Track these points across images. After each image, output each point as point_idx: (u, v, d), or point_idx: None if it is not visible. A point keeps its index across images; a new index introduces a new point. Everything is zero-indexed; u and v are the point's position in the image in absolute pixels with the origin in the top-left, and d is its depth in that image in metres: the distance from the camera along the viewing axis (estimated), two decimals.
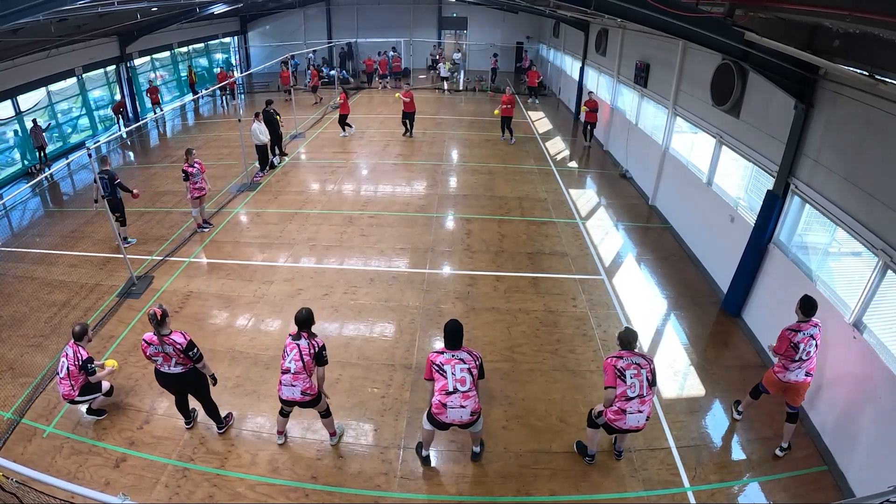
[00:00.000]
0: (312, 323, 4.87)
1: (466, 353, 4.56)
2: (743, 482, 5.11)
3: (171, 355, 4.86)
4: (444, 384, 4.49)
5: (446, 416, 4.55)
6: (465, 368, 4.49)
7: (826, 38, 5.17)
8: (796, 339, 4.92)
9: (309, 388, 4.81)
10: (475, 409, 4.59)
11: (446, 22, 30.15)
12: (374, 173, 13.29)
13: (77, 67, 16.19)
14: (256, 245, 9.48)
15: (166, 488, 4.92)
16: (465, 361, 4.52)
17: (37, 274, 8.56)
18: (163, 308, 4.81)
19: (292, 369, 4.71)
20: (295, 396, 4.82)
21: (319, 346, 4.78)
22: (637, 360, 4.54)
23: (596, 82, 16.94)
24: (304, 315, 4.77)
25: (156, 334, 4.80)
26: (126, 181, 9.31)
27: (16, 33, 11.50)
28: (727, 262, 7.62)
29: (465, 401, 4.50)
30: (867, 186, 5.08)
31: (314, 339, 4.79)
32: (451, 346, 4.58)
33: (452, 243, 9.59)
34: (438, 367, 4.52)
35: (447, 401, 4.50)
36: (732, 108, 7.72)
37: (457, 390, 4.49)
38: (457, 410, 4.52)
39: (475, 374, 4.55)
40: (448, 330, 4.61)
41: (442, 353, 4.56)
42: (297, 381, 4.74)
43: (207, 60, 26.10)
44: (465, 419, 4.58)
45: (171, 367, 4.96)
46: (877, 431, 4.67)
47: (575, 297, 8.00)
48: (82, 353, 5.34)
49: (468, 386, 4.50)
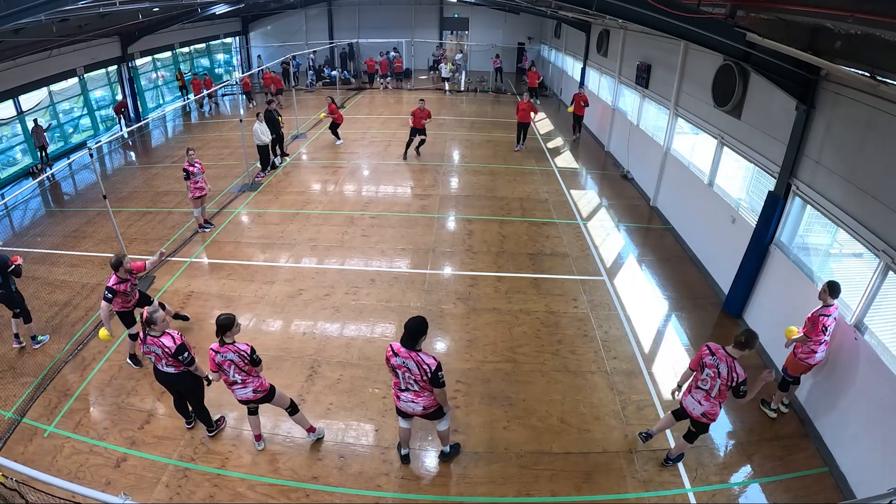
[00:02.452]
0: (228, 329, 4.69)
1: (415, 364, 4.36)
2: (744, 483, 5.11)
3: (161, 357, 4.87)
4: (397, 381, 4.60)
5: (400, 405, 4.72)
6: (412, 379, 4.46)
7: (827, 40, 5.16)
8: (827, 322, 5.10)
9: (259, 387, 4.90)
10: (427, 405, 4.64)
11: (448, 23, 30.17)
12: (376, 174, 13.29)
13: (78, 67, 16.22)
14: (258, 245, 9.49)
15: (167, 488, 4.93)
16: (412, 373, 4.41)
17: (38, 273, 8.57)
18: (153, 310, 4.79)
19: (238, 380, 4.79)
20: (248, 395, 4.90)
21: (249, 352, 4.69)
22: (719, 366, 4.63)
23: (597, 83, 16.94)
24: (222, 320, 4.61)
25: (145, 335, 4.83)
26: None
27: (17, 33, 11.54)
28: (728, 264, 7.62)
29: (416, 398, 4.60)
30: (868, 187, 5.08)
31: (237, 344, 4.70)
32: (405, 345, 4.40)
33: (454, 244, 9.60)
34: (392, 367, 4.52)
35: (400, 395, 4.66)
36: (734, 109, 7.71)
37: (408, 389, 4.58)
38: (408, 404, 4.66)
39: (423, 384, 4.47)
40: (406, 326, 4.39)
41: (396, 356, 4.42)
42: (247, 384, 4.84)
43: (209, 61, 26.16)
44: (418, 412, 4.69)
45: (164, 367, 4.98)
46: (878, 433, 4.66)
47: (576, 298, 8.00)
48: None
49: (417, 389, 4.53)
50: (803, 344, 5.27)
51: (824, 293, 5.13)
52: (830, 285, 5.11)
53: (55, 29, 12.19)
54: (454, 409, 5.87)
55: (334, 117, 15.35)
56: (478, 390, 6.17)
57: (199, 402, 5.33)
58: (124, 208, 11.04)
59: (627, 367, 6.59)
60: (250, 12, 26.17)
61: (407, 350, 4.39)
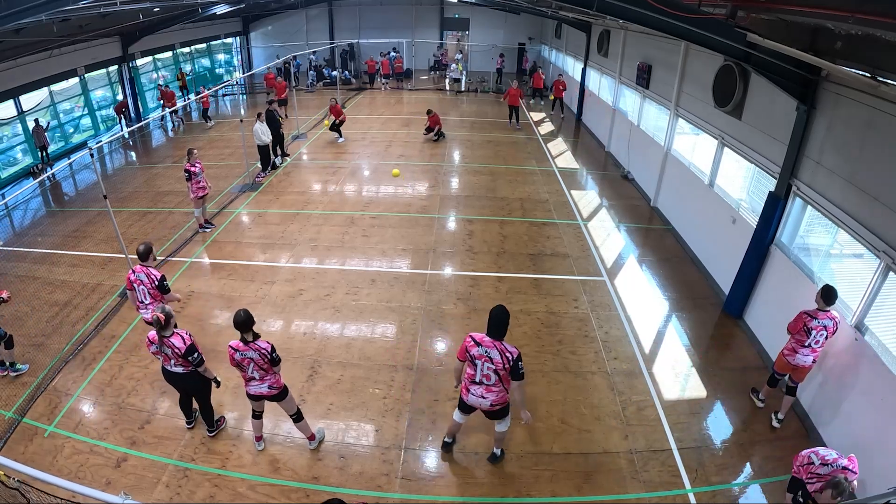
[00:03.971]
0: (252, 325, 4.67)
1: (499, 353, 4.39)
2: (744, 483, 5.11)
3: (170, 357, 4.90)
4: (472, 374, 4.57)
5: (468, 398, 4.70)
6: (492, 368, 4.46)
7: (828, 40, 5.16)
8: (811, 325, 5.08)
9: (275, 383, 4.90)
10: (496, 401, 4.61)
11: (448, 23, 30.18)
12: (376, 174, 13.30)
13: (79, 67, 16.23)
14: (258, 245, 9.49)
15: (167, 488, 4.93)
16: (494, 362, 4.41)
17: (38, 273, 8.57)
18: (167, 312, 4.80)
19: (256, 376, 4.79)
20: (263, 391, 4.89)
21: (269, 350, 4.69)
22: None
23: (598, 83, 16.95)
24: (243, 318, 4.59)
25: (157, 335, 4.83)
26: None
27: (18, 33, 11.54)
28: (729, 264, 7.61)
29: (486, 393, 4.58)
30: (869, 188, 5.08)
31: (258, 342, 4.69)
32: (490, 335, 4.44)
33: (454, 244, 9.60)
34: (471, 358, 4.53)
35: (471, 388, 4.64)
36: (734, 110, 7.71)
37: (482, 383, 4.56)
38: (478, 398, 4.64)
39: (502, 375, 4.48)
40: (490, 316, 4.45)
41: (478, 346, 4.44)
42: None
43: (209, 61, 26.18)
44: (485, 407, 4.67)
45: (172, 367, 4.99)
46: (878, 433, 4.66)
47: (577, 299, 8.00)
48: (155, 273, 5.84)
49: (493, 382, 4.53)
50: (788, 341, 5.33)
51: (819, 297, 5.09)
52: (825, 291, 5.03)
53: (56, 29, 12.18)
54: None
55: (338, 119, 15.43)
56: None
57: (205, 402, 5.34)
58: (125, 208, 11.05)
59: (628, 368, 6.59)
60: (251, 12, 26.20)
61: (492, 339, 4.41)
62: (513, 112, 17.61)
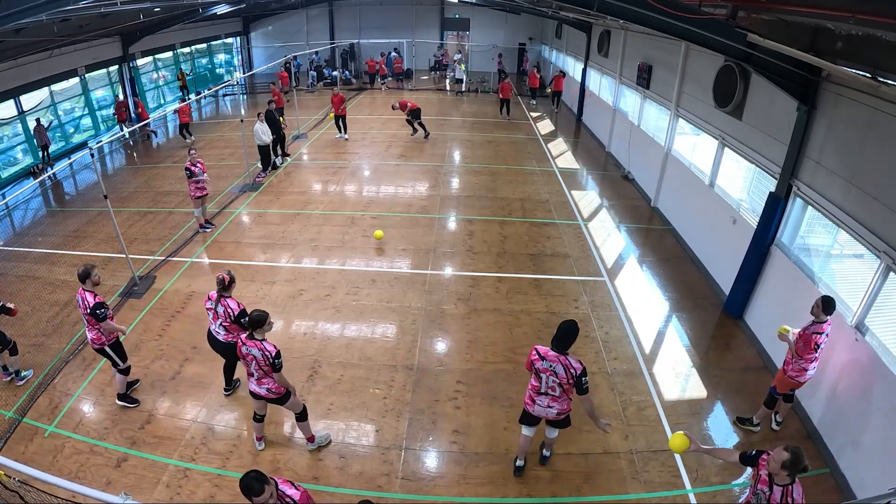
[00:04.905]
0: (259, 327, 4.71)
1: (563, 368, 4.37)
2: (744, 484, 5.10)
3: (221, 316, 5.42)
4: (537, 385, 4.57)
5: (533, 410, 4.70)
6: (556, 382, 4.44)
7: (828, 40, 5.16)
8: (820, 340, 4.93)
9: (274, 388, 4.89)
10: (562, 410, 4.64)
11: (448, 23, 30.16)
12: (377, 174, 13.30)
13: (79, 67, 16.23)
14: (258, 245, 9.49)
15: (167, 488, 4.93)
16: (558, 377, 4.40)
17: (39, 273, 8.58)
18: (230, 275, 5.49)
19: (256, 376, 4.82)
20: (261, 392, 4.90)
21: (273, 355, 4.69)
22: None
23: (598, 84, 16.94)
24: (255, 317, 4.67)
25: (217, 294, 5.45)
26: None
27: (18, 33, 11.55)
28: (729, 264, 7.61)
29: (552, 403, 4.59)
30: (869, 188, 5.08)
31: (264, 343, 4.71)
32: (555, 349, 4.42)
33: (454, 244, 9.60)
34: (535, 371, 4.52)
35: (537, 399, 4.64)
36: (735, 110, 7.71)
37: (547, 394, 4.56)
38: (543, 409, 4.65)
39: (566, 388, 4.46)
40: (558, 330, 4.44)
41: (543, 360, 4.43)
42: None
43: (210, 61, 26.18)
44: (552, 416, 4.69)
45: (215, 328, 5.52)
46: (878, 433, 4.66)
47: (577, 299, 8.00)
48: (89, 299, 5.38)
49: (558, 393, 4.53)
50: (794, 361, 5.11)
51: (817, 308, 4.93)
52: (825, 301, 4.91)
53: (56, 29, 12.19)
54: (457, 409, 5.88)
55: (337, 111, 15.45)
56: (479, 391, 6.17)
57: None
58: (125, 208, 11.05)
59: (628, 368, 6.59)
60: (251, 12, 26.19)
61: (556, 354, 4.39)
62: (503, 105, 18.84)
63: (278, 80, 19.89)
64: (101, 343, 5.60)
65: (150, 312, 7.55)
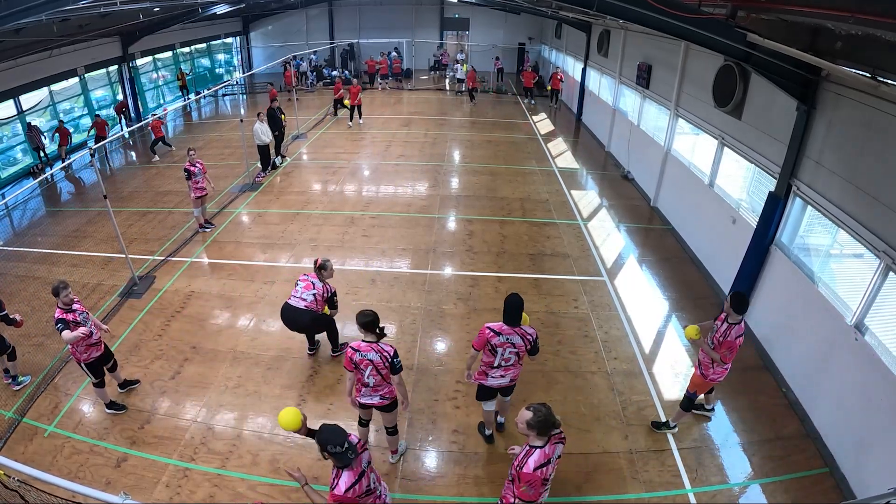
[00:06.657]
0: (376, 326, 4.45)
1: (520, 338, 4.55)
2: (744, 483, 5.11)
3: (310, 288, 5.97)
4: (491, 360, 4.70)
5: (488, 381, 4.84)
6: (514, 352, 4.62)
7: (828, 40, 5.16)
8: (741, 342, 4.89)
9: (388, 393, 4.67)
10: (515, 376, 4.86)
11: (448, 23, 30.16)
12: (376, 174, 13.30)
13: (79, 67, 16.22)
14: (258, 245, 9.49)
15: (167, 488, 4.93)
16: (516, 346, 4.58)
17: (38, 273, 8.57)
18: (325, 261, 6.01)
19: (371, 383, 4.53)
20: (374, 402, 4.67)
21: (391, 354, 4.43)
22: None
23: (598, 83, 16.94)
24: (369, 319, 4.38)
25: (315, 272, 6.01)
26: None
27: (18, 33, 11.53)
28: (729, 264, 7.61)
29: (505, 373, 4.78)
30: (869, 188, 5.08)
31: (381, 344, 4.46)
32: (508, 323, 4.52)
33: (454, 244, 9.60)
34: (491, 347, 4.60)
35: (490, 373, 4.77)
36: (734, 110, 7.71)
37: (500, 366, 4.72)
38: (497, 380, 4.82)
39: (522, 354, 4.67)
40: (505, 304, 4.51)
41: (499, 335, 4.52)
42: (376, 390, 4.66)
43: (210, 60, 26.16)
44: (505, 384, 4.88)
45: (298, 298, 5.99)
46: (878, 433, 4.66)
47: (576, 299, 8.00)
48: (56, 313, 5.09)
49: (512, 362, 4.71)
50: (715, 365, 5.06)
51: (728, 307, 4.83)
52: (738, 298, 4.81)
53: (56, 29, 12.17)
54: (456, 409, 5.88)
55: (337, 95, 15.63)
56: None
57: (332, 330, 6.45)
58: (125, 208, 11.05)
59: (628, 368, 6.59)
60: (251, 12, 26.19)
61: (510, 327, 4.52)
62: (470, 93, 21.23)
63: (283, 80, 19.90)
64: (78, 359, 5.38)
65: (149, 312, 7.54)
